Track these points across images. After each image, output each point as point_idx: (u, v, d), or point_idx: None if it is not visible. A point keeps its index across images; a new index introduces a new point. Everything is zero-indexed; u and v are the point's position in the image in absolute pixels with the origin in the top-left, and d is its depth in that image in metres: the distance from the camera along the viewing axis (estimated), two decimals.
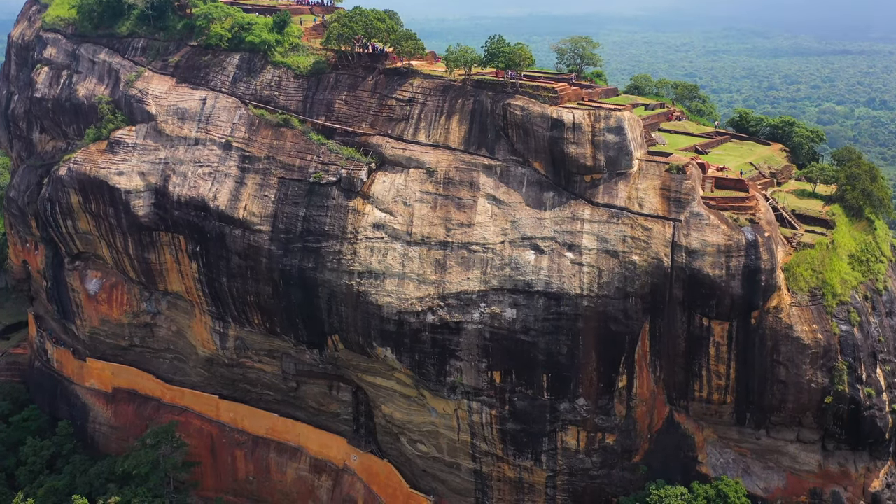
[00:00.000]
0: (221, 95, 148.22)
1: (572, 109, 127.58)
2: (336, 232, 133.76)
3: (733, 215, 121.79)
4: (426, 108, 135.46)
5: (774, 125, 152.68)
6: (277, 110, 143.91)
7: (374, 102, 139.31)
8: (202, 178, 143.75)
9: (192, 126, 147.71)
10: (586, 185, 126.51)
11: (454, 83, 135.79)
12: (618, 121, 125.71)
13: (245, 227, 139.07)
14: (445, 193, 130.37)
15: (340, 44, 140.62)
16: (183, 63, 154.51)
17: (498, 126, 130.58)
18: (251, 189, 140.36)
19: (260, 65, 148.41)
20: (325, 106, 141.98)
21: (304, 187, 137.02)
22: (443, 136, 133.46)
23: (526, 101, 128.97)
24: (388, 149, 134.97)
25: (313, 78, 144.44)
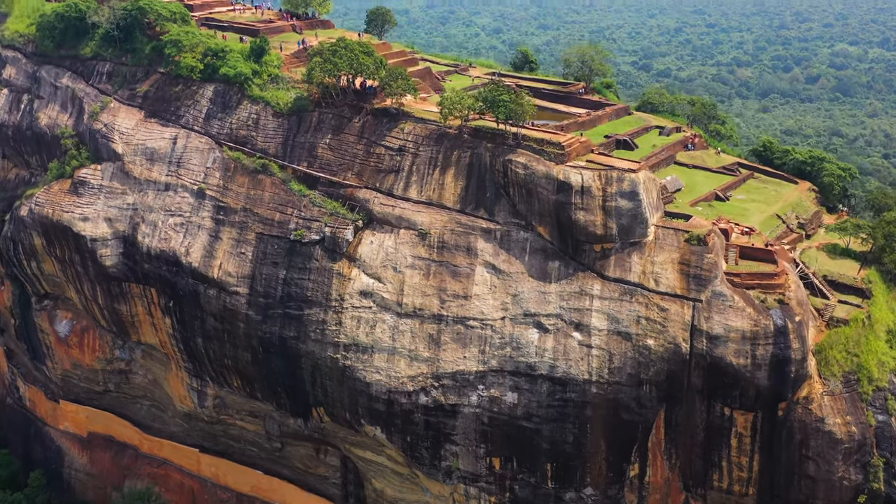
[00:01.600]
0: (194, 134, 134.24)
1: (581, 170, 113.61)
2: (319, 298, 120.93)
3: (760, 294, 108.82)
4: (418, 159, 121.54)
5: (802, 161, 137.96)
6: (255, 153, 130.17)
7: (362, 149, 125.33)
8: (173, 230, 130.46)
9: (161, 169, 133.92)
10: (596, 256, 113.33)
11: (449, 130, 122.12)
12: (632, 184, 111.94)
13: (220, 287, 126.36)
14: (440, 259, 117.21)
15: (323, 76, 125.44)
16: (152, 94, 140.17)
17: (498, 184, 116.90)
18: (227, 245, 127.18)
19: (236, 99, 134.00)
20: (308, 150, 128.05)
21: (285, 245, 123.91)
22: (437, 192, 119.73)
23: (529, 158, 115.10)
24: (377, 205, 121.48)
25: (294, 117, 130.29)
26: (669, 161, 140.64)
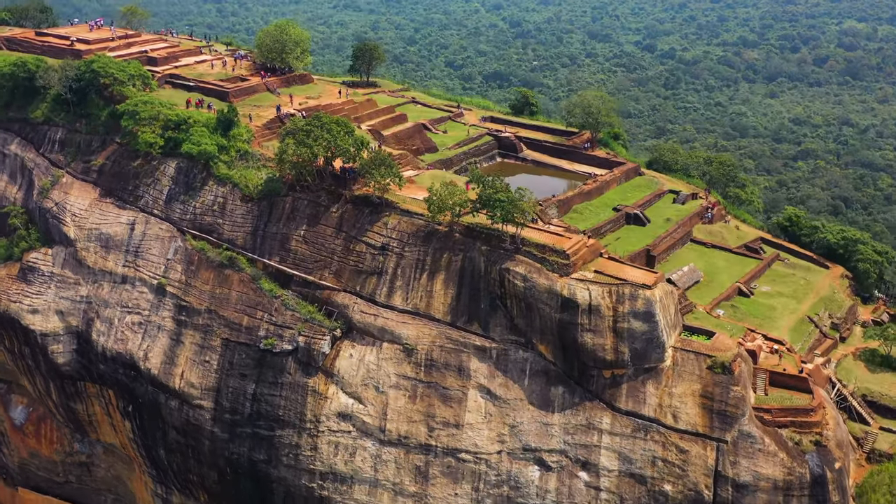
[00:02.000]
0: (153, 220, 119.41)
1: (588, 284, 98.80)
2: (292, 418, 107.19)
3: (794, 434, 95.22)
4: (404, 260, 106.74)
5: (834, 243, 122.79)
6: (221, 244, 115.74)
7: (340, 244, 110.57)
8: (131, 329, 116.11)
9: (118, 258, 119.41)
10: (605, 383, 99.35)
11: (438, 228, 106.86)
12: (647, 303, 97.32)
13: (183, 399, 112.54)
14: (427, 380, 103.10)
15: (297, 158, 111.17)
16: (108, 168, 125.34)
17: (493, 294, 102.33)
18: (189, 351, 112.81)
19: (200, 178, 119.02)
20: (280, 243, 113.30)
21: (254, 355, 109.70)
22: (424, 300, 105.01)
23: (529, 268, 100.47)
24: (357, 312, 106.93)
25: (265, 202, 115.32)
26: (685, 239, 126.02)
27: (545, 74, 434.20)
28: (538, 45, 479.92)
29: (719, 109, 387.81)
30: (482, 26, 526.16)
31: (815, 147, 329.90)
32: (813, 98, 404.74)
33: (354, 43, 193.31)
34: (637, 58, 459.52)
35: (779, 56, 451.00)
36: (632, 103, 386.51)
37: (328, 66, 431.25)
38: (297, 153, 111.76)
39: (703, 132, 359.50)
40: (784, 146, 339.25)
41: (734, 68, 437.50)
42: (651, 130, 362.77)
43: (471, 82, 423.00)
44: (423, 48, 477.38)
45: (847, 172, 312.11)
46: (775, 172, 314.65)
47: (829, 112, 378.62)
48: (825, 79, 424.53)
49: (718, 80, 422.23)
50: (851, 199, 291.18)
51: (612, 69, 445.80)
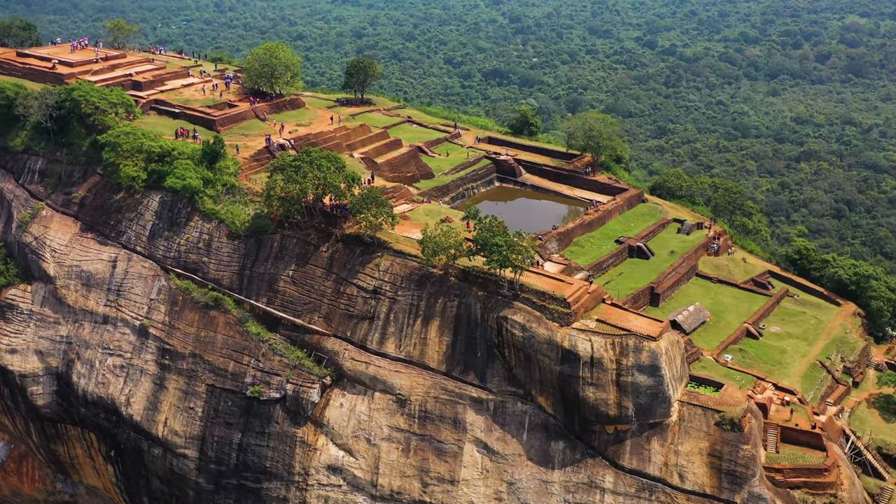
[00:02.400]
0: (136, 257, 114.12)
1: (590, 335, 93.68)
2: (280, 470, 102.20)
3: (807, 497, 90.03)
4: (396, 305, 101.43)
5: (845, 279, 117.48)
6: (206, 284, 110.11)
7: (330, 286, 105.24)
8: (112, 372, 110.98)
9: (99, 297, 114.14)
10: (608, 438, 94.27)
11: (433, 271, 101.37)
12: (652, 356, 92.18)
13: (166, 447, 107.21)
14: (421, 433, 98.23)
15: (285, 195, 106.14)
16: (90, 201, 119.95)
17: (491, 343, 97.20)
18: (173, 396, 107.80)
19: (185, 213, 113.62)
20: (268, 283, 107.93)
21: (240, 403, 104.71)
22: (418, 348, 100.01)
23: (528, 317, 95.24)
24: (348, 359, 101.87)
25: (252, 240, 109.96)
26: (691, 274, 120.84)
27: (545, 72, 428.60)
28: (538, 41, 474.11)
29: (720, 108, 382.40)
30: (481, 22, 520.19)
31: (817, 148, 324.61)
32: (815, 96, 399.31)
33: (350, 59, 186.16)
34: (637, 54, 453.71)
35: (780, 53, 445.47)
36: (632, 102, 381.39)
37: (326, 63, 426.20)
38: (285, 190, 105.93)
39: (705, 132, 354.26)
40: (786, 146, 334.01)
41: (735, 65, 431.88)
42: (652, 130, 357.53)
43: (470, 80, 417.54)
44: (422, 44, 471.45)
45: (850, 174, 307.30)
46: (778, 174, 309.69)
47: (831, 111, 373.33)
48: (827, 76, 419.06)
49: (720, 78, 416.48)
50: (855, 202, 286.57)
51: (612, 66, 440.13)
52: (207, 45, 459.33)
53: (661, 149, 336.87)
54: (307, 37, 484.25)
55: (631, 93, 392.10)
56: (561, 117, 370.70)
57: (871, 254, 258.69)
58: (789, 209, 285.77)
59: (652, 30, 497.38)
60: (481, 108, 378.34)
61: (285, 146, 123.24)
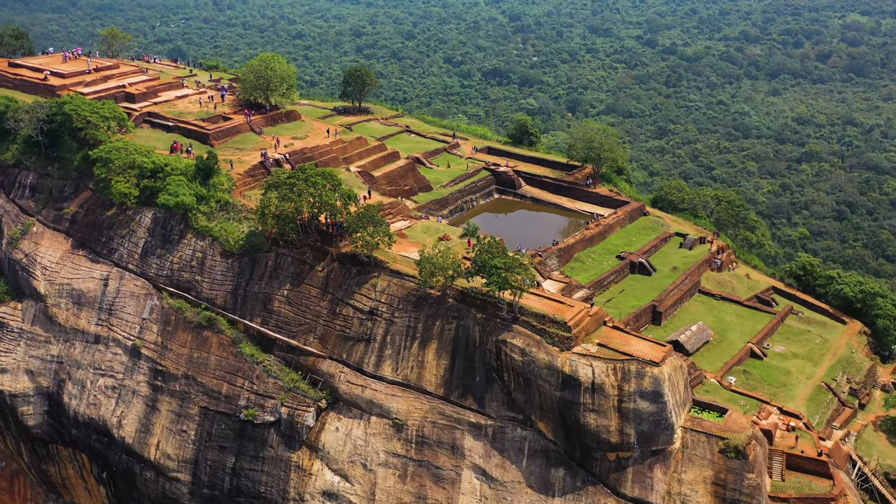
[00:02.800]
0: (128, 275, 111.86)
1: (591, 360, 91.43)
2: (275, 496, 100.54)
3: None
4: (393, 327, 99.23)
5: (851, 296, 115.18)
6: (200, 303, 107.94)
7: (326, 307, 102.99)
8: (104, 393, 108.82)
9: (90, 316, 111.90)
10: (610, 466, 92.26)
11: (431, 292, 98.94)
12: (654, 382, 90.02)
13: (158, 470, 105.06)
14: (419, 458, 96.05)
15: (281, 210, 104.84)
16: (81, 217, 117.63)
17: (490, 366, 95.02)
18: (165, 419, 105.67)
19: (178, 231, 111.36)
20: (262, 303, 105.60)
21: (234, 426, 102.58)
22: (415, 371, 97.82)
23: (528, 341, 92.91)
24: (344, 382, 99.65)
25: (246, 258, 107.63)
26: (693, 290, 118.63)
27: (545, 71, 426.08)
28: (538, 39, 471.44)
29: (721, 108, 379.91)
30: (481, 20, 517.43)
31: (818, 149, 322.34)
32: (816, 96, 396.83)
33: (349, 58, 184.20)
34: (638, 53, 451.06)
35: (781, 52, 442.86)
36: (633, 102, 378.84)
37: (325, 63, 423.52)
38: (280, 208, 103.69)
39: (706, 132, 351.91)
40: (787, 147, 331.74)
41: (736, 65, 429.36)
42: (652, 131, 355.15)
43: (470, 79, 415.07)
44: (422, 43, 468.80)
45: (852, 176, 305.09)
46: (779, 175, 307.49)
47: (832, 110, 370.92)
48: (828, 75, 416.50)
49: (720, 77, 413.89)
50: (856, 204, 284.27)
51: (612, 65, 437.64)
52: (206, 44, 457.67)
53: (661, 149, 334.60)
54: (306, 35, 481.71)
55: (631, 93, 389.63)
56: (561, 117, 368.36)
57: (873, 257, 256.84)
58: (790, 211, 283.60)
59: (652, 28, 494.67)
60: (481, 108, 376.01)
61: (281, 161, 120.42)
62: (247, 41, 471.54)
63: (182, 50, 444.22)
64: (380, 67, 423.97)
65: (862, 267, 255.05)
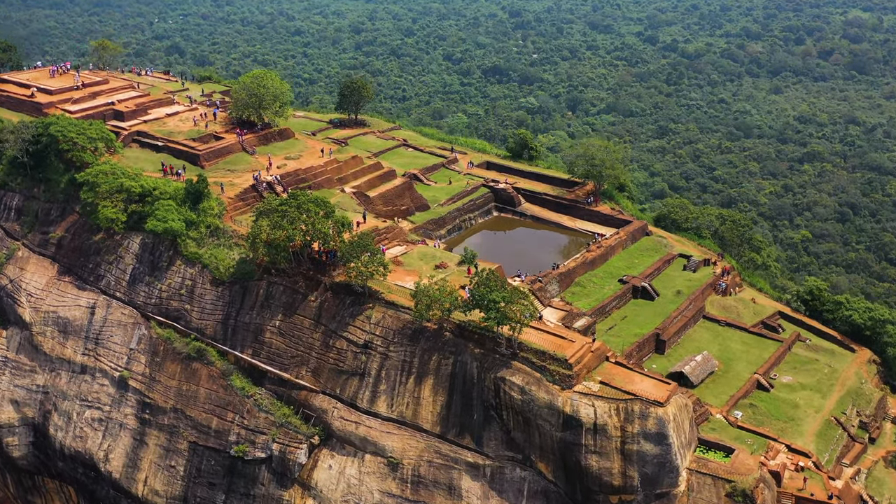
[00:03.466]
0: (115, 303, 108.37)
1: (593, 399, 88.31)
2: None
3: None
4: (388, 361, 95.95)
5: (860, 324, 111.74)
6: (189, 333, 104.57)
7: (319, 339, 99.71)
8: (90, 426, 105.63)
9: (77, 345, 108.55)
10: None
11: (427, 325, 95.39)
12: (658, 423, 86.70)
13: None
14: (414, 499, 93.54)
15: (271, 250, 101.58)
16: (67, 242, 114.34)
17: (488, 404, 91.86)
18: (153, 453, 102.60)
19: (167, 257, 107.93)
20: (253, 334, 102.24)
21: (224, 462, 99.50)
22: (411, 408, 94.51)
23: (527, 379, 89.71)
24: (337, 418, 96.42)
25: (237, 286, 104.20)
26: (698, 316, 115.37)
27: (545, 68, 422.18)
28: (538, 36, 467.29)
29: (723, 107, 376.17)
30: (481, 16, 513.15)
31: (820, 149, 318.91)
32: (818, 94, 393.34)
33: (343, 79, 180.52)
34: (639, 50, 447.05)
35: (783, 49, 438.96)
36: (633, 100, 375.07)
37: (324, 60, 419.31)
38: (271, 236, 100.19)
39: (707, 132, 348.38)
40: (789, 147, 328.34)
41: (738, 62, 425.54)
42: (653, 130, 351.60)
43: (469, 77, 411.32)
44: (421, 40, 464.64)
45: (854, 176, 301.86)
46: (781, 176, 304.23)
47: (834, 109, 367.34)
48: (830, 73, 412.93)
49: (722, 75, 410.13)
50: (859, 206, 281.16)
51: (613, 62, 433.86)
52: (204, 41, 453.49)
53: (662, 149, 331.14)
54: (305, 32, 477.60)
55: (632, 91, 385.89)
56: (561, 116, 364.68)
57: (876, 260, 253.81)
58: (792, 213, 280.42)
59: (653, 24, 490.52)
60: (480, 107, 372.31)
61: (273, 184, 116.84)
62: (245, 38, 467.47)
63: (180, 47, 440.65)
64: (379, 65, 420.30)
65: (865, 271, 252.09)
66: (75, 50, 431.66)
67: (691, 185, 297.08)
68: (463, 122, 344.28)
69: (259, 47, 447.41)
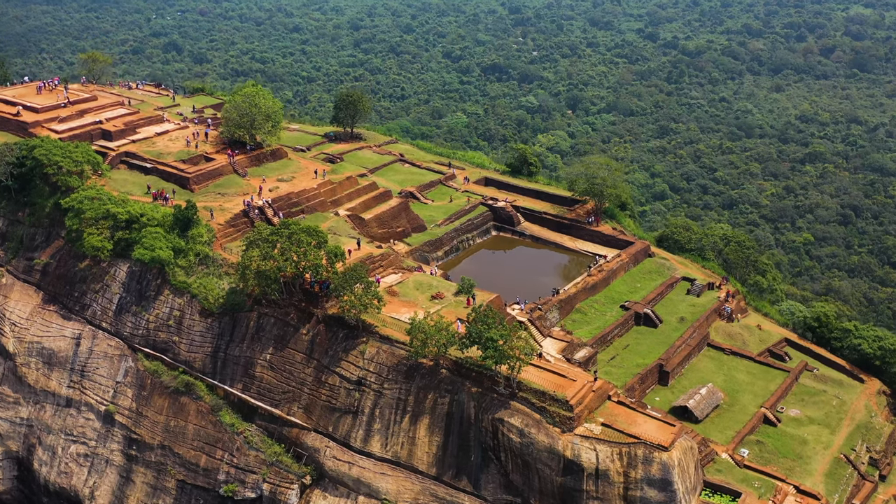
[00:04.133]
0: (101, 334, 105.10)
1: (595, 443, 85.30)
2: None
3: None
4: (382, 399, 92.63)
5: (869, 353, 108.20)
6: (177, 366, 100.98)
7: (311, 374, 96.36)
8: (76, 461, 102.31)
9: (62, 377, 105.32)
10: None
11: (423, 362, 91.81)
12: (663, 469, 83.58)
13: None
14: None
15: (262, 281, 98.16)
16: (53, 269, 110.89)
17: (485, 445, 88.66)
18: (140, 491, 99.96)
19: (155, 286, 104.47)
20: (243, 367, 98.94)
21: (213, 501, 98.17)
22: (406, 448, 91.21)
23: (526, 420, 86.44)
24: (329, 458, 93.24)
25: (227, 318, 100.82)
26: (702, 344, 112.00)
27: (545, 66, 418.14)
28: (538, 33, 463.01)
29: (724, 106, 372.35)
30: (481, 12, 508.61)
31: (822, 149, 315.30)
32: (820, 92, 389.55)
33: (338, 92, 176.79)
34: (639, 48, 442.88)
35: (784, 46, 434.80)
36: (634, 99, 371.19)
37: (322, 58, 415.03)
38: (261, 267, 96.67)
39: (708, 132, 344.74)
40: (791, 147, 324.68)
41: (739, 60, 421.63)
42: (654, 130, 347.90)
43: (469, 75, 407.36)
44: (420, 37, 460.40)
45: (857, 178, 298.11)
46: (782, 177, 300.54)
47: (836, 107, 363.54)
48: (832, 71, 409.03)
49: (723, 73, 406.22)
50: (861, 208, 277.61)
51: (613, 60, 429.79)
52: (202, 38, 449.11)
53: (663, 150, 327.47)
54: (303, 29, 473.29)
55: (632, 89, 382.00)
56: (562, 115, 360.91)
57: (879, 265, 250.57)
58: (794, 215, 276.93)
59: (654, 21, 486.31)
60: (480, 106, 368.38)
61: (264, 208, 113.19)
62: (243, 34, 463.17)
63: (177, 44, 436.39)
64: (378, 63, 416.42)
65: (867, 275, 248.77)
66: (72, 47, 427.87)
67: (692, 187, 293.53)
68: (462, 121, 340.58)
69: (257, 44, 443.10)
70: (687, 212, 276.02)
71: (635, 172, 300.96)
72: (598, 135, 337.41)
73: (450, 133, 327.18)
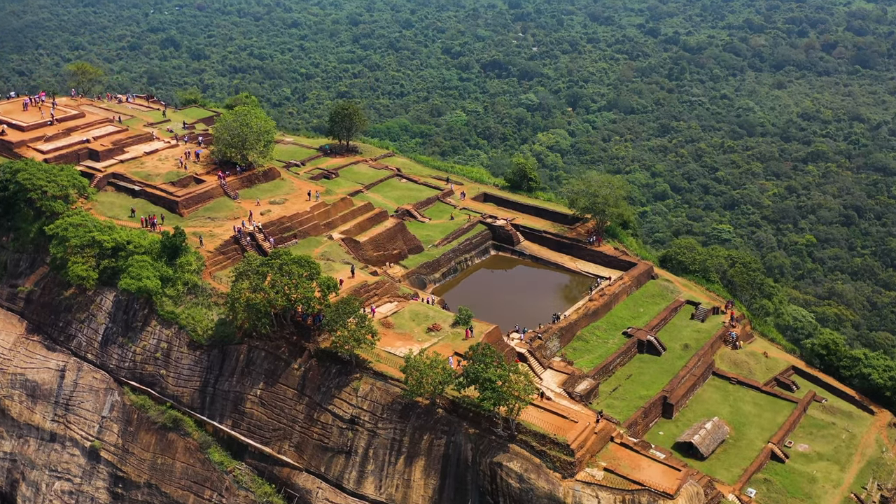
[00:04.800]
0: (87, 366, 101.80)
1: (597, 489, 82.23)
2: None
3: None
4: (376, 439, 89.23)
5: (879, 384, 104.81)
6: (165, 401, 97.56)
7: (302, 411, 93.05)
8: (60, 499, 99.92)
9: (46, 411, 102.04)
10: None
11: (419, 401, 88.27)
12: None
13: None
14: None
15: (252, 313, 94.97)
16: (37, 297, 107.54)
17: (483, 489, 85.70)
18: None
19: (142, 316, 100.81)
20: (233, 403, 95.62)
21: None
22: (401, 491, 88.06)
23: (525, 465, 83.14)
24: (321, 499, 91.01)
25: (216, 351, 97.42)
26: (707, 373, 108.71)
27: (545, 63, 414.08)
28: (538, 28, 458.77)
29: (725, 103, 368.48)
30: (480, 7, 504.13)
31: (825, 148, 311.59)
32: (822, 89, 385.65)
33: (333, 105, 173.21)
34: (640, 43, 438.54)
35: (786, 42, 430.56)
36: (635, 97, 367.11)
37: (321, 54, 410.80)
38: (251, 299, 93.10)
39: (709, 130, 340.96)
40: (793, 146, 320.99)
41: (740, 56, 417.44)
42: (655, 128, 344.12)
43: (468, 72, 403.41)
44: (419, 32, 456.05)
45: (859, 177, 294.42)
46: (784, 177, 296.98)
47: (838, 105, 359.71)
48: (834, 67, 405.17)
49: (724, 70, 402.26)
50: (864, 208, 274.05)
51: (613, 56, 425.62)
52: (200, 33, 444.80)
53: (664, 148, 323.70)
54: (302, 24, 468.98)
55: (633, 87, 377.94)
56: (562, 113, 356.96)
57: (882, 267, 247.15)
58: (797, 216, 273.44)
59: (654, 16, 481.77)
60: (479, 104, 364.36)
61: (255, 234, 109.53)
62: (241, 30, 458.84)
63: (175, 40, 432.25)
64: (377, 59, 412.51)
65: (871, 278, 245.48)
66: (69, 43, 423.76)
67: (693, 187, 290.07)
68: (462, 119, 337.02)
69: (255, 40, 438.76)
70: (688, 212, 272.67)
71: (636, 172, 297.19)
72: (599, 133, 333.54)
73: (449, 131, 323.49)
